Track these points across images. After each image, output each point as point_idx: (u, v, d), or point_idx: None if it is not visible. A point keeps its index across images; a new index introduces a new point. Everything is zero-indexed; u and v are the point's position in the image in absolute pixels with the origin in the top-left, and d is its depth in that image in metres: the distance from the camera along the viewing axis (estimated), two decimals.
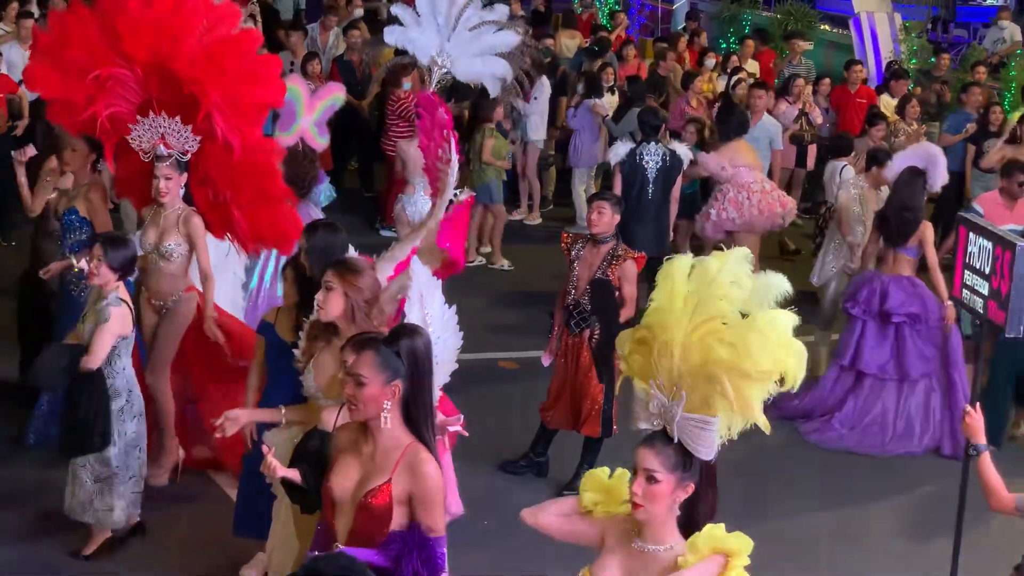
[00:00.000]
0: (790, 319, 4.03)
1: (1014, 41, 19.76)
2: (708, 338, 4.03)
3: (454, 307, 6.28)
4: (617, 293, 8.30)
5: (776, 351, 3.98)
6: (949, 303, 9.40)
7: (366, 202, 14.97)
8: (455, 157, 7.31)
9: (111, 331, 6.86)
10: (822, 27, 21.25)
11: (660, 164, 11.12)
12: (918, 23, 19.98)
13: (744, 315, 4.06)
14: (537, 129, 14.71)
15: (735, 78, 15.02)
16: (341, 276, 5.73)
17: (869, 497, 9.05)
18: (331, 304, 5.73)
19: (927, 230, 9.78)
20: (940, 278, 9.59)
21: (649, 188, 11.13)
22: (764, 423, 4.04)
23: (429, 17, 7.99)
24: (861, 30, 19.21)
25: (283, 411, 6.18)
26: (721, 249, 4.28)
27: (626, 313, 8.34)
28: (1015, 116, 14.39)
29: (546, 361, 8.76)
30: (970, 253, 6.42)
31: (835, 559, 8.13)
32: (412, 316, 5.97)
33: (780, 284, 4.07)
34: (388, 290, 6.29)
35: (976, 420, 5.95)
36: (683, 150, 11.41)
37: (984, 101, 14.99)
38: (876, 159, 10.92)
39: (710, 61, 17.02)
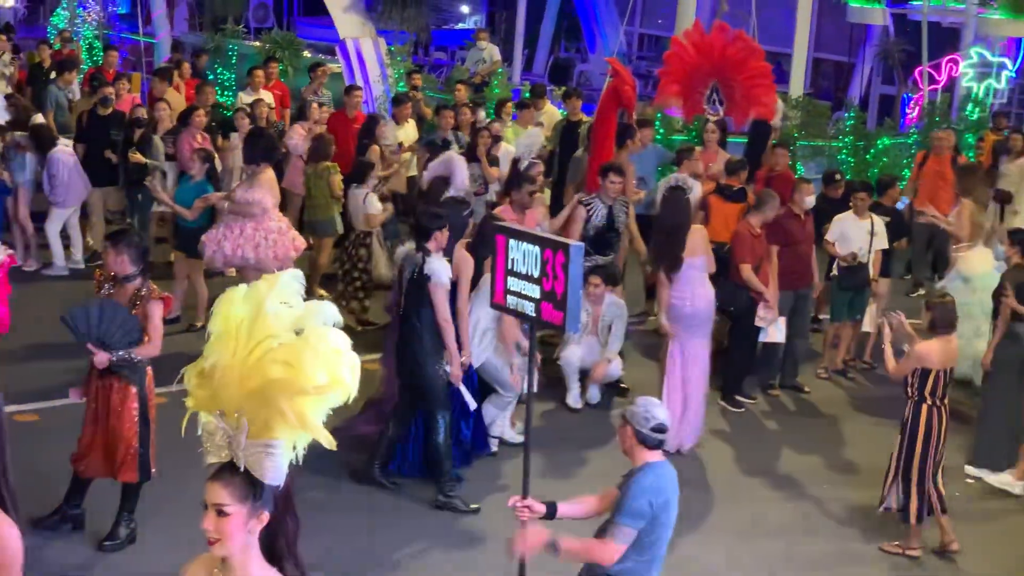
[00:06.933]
0: (342, 335, 4.04)
1: (494, 60, 20.69)
2: (263, 360, 3.96)
3: None
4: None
5: (329, 364, 3.95)
6: None
7: None
8: None
9: None
10: (306, 54, 21.49)
11: None
12: (403, 47, 20.58)
13: (298, 334, 4.03)
14: (29, 171, 14.05)
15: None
16: None
17: None
18: None
19: None
20: None
21: None
22: (328, 439, 4.00)
23: None
24: (348, 56, 19.58)
25: None
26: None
27: (149, 351, 8.10)
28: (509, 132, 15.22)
29: (73, 396, 8.38)
30: (512, 259, 6.52)
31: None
32: None
33: (332, 314, 4.05)
34: None
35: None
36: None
37: (468, 121, 15.79)
38: None
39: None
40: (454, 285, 9.29)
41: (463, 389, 9.45)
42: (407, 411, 9.49)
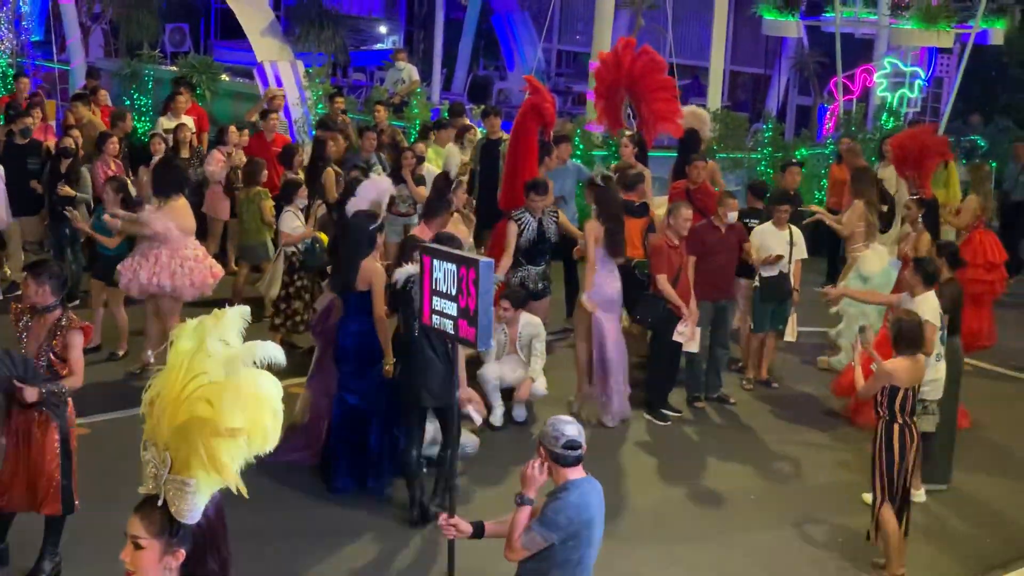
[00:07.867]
0: (272, 380, 4.00)
1: (412, 80, 20.64)
2: (192, 396, 3.93)
3: None
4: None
5: (250, 409, 3.91)
6: None
7: None
8: None
9: None
10: (224, 78, 21.36)
11: None
12: (321, 69, 20.50)
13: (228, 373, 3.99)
14: None
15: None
16: None
17: None
18: None
19: None
20: None
21: None
22: (237, 484, 3.95)
23: None
24: (266, 79, 19.47)
25: None
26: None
27: (73, 383, 8.00)
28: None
29: None
30: (436, 279, 6.53)
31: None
32: None
33: (272, 352, 4.02)
34: None
35: (535, 475, 6.12)
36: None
37: (387, 141, 15.82)
38: None
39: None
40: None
41: (470, 408, 9.72)
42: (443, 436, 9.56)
